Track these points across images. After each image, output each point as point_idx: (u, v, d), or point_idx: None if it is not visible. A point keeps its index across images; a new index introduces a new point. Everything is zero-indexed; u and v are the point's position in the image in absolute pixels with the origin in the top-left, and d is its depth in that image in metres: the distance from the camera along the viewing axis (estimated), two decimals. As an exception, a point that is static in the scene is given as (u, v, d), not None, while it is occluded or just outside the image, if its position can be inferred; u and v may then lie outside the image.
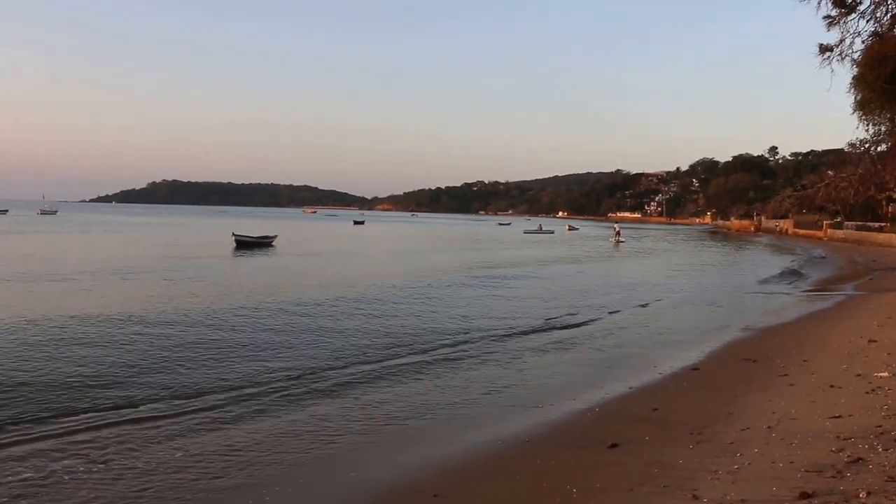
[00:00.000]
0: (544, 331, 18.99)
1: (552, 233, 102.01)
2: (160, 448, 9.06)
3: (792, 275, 38.78)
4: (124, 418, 10.28)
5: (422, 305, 23.38)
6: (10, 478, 7.95)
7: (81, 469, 8.26)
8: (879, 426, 8.08)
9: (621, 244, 74.04)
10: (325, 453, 9.10)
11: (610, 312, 22.68)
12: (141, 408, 10.80)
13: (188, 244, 55.65)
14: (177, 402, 11.21)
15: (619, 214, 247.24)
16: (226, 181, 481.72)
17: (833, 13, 19.04)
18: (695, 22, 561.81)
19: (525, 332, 18.60)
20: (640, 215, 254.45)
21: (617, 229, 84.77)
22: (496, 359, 15.19)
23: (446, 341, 17.08)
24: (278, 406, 11.18)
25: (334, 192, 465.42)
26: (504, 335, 18.09)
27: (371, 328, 18.60)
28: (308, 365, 14.06)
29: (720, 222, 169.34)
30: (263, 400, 11.49)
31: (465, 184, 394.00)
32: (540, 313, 21.98)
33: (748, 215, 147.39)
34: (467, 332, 18.35)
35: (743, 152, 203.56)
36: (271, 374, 13.21)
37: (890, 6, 19.07)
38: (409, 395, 12.07)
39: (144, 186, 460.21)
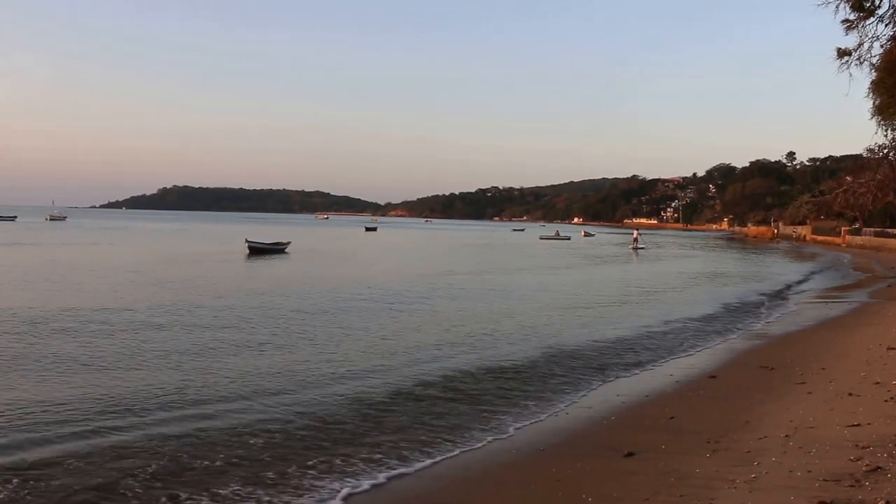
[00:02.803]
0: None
1: (569, 239, 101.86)
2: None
3: (811, 281, 38.49)
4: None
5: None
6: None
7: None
8: (899, 435, 8.00)
9: (640, 250, 73.79)
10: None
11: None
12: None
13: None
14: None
15: (635, 220, 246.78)
16: (237, 187, 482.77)
17: (851, 17, 18.87)
18: (712, 27, 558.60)
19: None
20: (656, 221, 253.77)
21: (635, 235, 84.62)
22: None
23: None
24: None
25: (347, 197, 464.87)
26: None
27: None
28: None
29: (737, 228, 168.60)
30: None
31: (480, 189, 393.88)
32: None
33: (765, 221, 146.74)
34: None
35: (760, 158, 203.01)
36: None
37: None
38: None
39: (155, 192, 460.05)
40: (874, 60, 20.40)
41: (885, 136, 30.82)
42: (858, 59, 19.85)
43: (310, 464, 8.78)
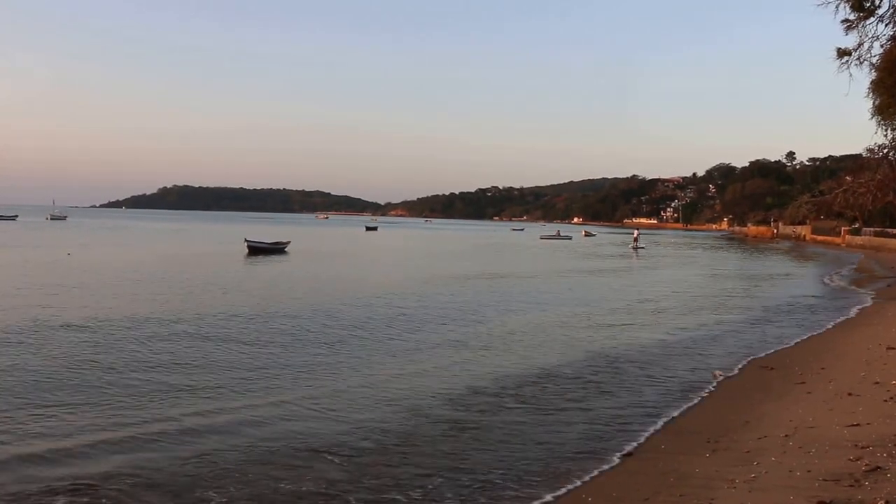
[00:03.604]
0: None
1: (570, 238, 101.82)
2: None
3: (814, 281, 38.51)
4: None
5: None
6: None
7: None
8: (898, 435, 8.00)
9: (640, 250, 73.82)
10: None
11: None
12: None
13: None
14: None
15: (635, 220, 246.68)
16: (237, 186, 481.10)
17: (851, 17, 18.92)
18: (712, 27, 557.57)
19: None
20: (655, 221, 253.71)
21: (636, 235, 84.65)
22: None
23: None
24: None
25: (347, 197, 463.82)
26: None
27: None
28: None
29: (736, 228, 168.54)
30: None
31: (480, 189, 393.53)
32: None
33: (765, 221, 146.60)
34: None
35: (760, 158, 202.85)
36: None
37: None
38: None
39: (155, 192, 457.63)
40: (874, 60, 20.46)
41: (885, 135, 30.88)
42: (858, 59, 19.90)
43: (431, 487, 7.74)
